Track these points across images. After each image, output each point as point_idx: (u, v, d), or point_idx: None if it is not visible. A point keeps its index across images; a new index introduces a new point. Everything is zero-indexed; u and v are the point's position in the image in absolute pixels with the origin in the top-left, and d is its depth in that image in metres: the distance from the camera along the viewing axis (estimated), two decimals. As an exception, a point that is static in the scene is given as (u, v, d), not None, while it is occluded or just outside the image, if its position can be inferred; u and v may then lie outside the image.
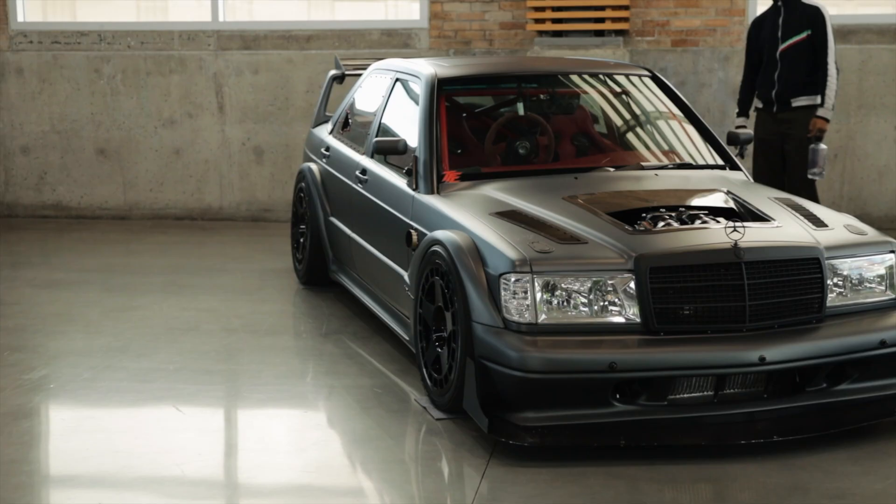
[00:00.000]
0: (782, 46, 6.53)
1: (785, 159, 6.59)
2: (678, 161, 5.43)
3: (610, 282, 4.15)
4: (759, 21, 6.76)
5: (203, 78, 8.91)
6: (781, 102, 6.56)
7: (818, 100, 6.48)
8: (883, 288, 4.47)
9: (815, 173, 6.32)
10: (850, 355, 4.25)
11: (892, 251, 4.51)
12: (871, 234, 4.59)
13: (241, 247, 8.03)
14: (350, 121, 6.39)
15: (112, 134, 9.03)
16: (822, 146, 6.30)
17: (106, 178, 9.07)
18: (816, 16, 6.48)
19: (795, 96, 6.53)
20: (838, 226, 4.60)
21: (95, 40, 8.97)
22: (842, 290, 4.38)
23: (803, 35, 6.49)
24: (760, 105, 6.70)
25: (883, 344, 4.28)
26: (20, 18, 9.08)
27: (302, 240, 6.66)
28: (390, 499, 3.86)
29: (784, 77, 6.54)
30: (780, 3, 6.59)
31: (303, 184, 6.63)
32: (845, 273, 4.40)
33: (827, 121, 6.46)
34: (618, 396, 4.11)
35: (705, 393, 4.16)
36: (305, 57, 8.80)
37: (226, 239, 8.36)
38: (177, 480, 3.92)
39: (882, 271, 4.47)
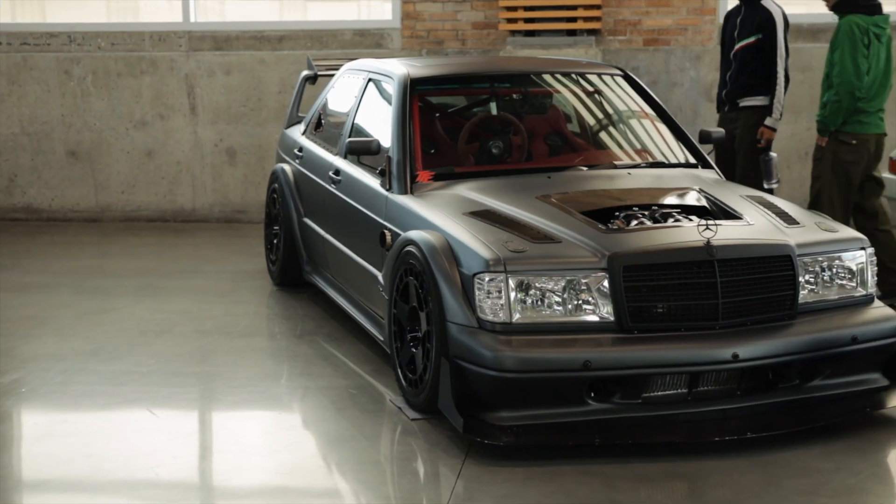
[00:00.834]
0: (736, 47, 6.56)
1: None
2: (651, 160, 5.45)
3: (584, 281, 4.16)
4: (727, 17, 6.80)
5: (175, 79, 8.87)
6: (731, 102, 6.59)
7: (765, 101, 6.47)
8: (854, 284, 4.50)
9: (773, 184, 6.27)
10: (823, 352, 4.28)
11: (863, 248, 4.54)
12: (842, 231, 4.62)
13: (214, 248, 7.99)
14: (323, 121, 6.37)
15: (83, 136, 8.97)
16: (773, 155, 6.27)
17: (77, 180, 9.01)
18: (768, 21, 6.43)
19: (742, 97, 6.54)
20: (810, 223, 4.63)
21: (65, 41, 8.91)
22: (813, 287, 4.41)
23: (752, 39, 6.48)
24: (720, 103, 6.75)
25: (854, 340, 4.32)
26: (-11, 20, 9.02)
27: (275, 241, 6.64)
28: (366, 500, 3.86)
29: (734, 77, 6.56)
30: (741, 3, 6.62)
31: (276, 185, 6.61)
32: (817, 270, 4.43)
33: (773, 130, 6.45)
34: (592, 395, 4.13)
35: (679, 391, 4.18)
36: (278, 57, 8.78)
37: (199, 241, 8.32)
38: (150, 484, 3.90)
39: (853, 268, 4.50)
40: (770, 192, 6.27)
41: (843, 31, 5.91)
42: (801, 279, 4.36)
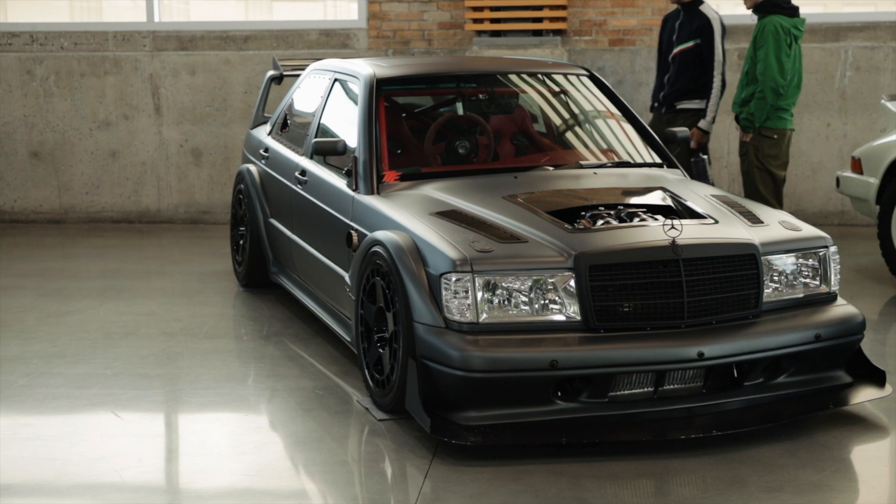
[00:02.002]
0: (674, 51, 6.71)
1: None
2: (616, 160, 5.47)
3: (550, 280, 4.17)
4: (665, 21, 6.93)
5: (139, 79, 8.81)
6: (668, 105, 6.73)
7: (702, 104, 6.65)
8: (817, 283, 4.54)
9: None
10: (787, 349, 4.32)
11: (826, 246, 4.58)
12: (806, 229, 4.66)
13: (179, 250, 7.95)
14: (289, 122, 6.35)
15: (46, 136, 8.89)
16: (704, 157, 6.40)
17: (40, 181, 8.93)
18: (705, 27, 6.59)
19: (680, 100, 6.69)
20: (773, 222, 4.66)
21: (27, 41, 8.83)
22: (777, 285, 4.45)
23: (691, 44, 6.64)
24: (655, 105, 6.82)
25: (818, 338, 4.36)
26: (-51, 19, 8.92)
27: (241, 242, 6.61)
28: (333, 501, 3.85)
29: (673, 81, 6.69)
30: (680, 7, 6.71)
31: (242, 185, 6.58)
32: (781, 269, 4.46)
33: (705, 133, 6.62)
34: (559, 394, 4.14)
35: (645, 389, 4.20)
36: (243, 58, 8.74)
37: (164, 242, 8.27)
38: (115, 487, 3.87)
39: (816, 266, 4.54)
40: None
41: (768, 30, 6.18)
42: (765, 278, 4.39)
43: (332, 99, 5.80)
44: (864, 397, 4.44)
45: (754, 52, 6.26)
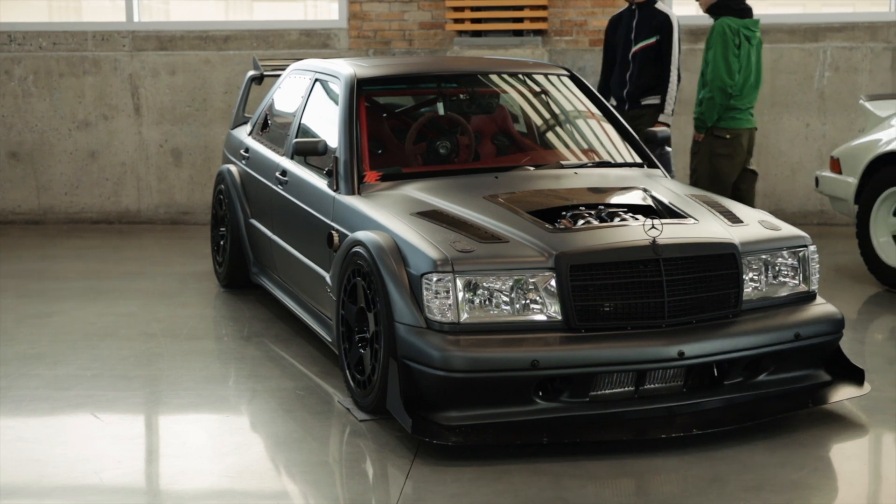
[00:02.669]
0: (634, 48, 6.83)
1: None
2: (597, 159, 5.48)
3: (531, 280, 4.17)
4: (615, 21, 7.03)
5: (118, 79, 8.77)
6: (632, 101, 6.84)
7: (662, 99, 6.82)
8: (797, 282, 4.56)
9: (668, 177, 6.54)
10: (766, 348, 4.34)
11: (805, 245, 4.61)
12: (785, 229, 4.68)
13: (159, 250, 7.92)
14: (269, 122, 6.34)
15: (24, 137, 8.84)
16: (668, 149, 6.53)
17: (19, 181, 8.88)
18: (665, 23, 6.77)
19: (644, 96, 6.83)
20: (753, 222, 4.68)
21: (5, 41, 8.78)
22: (757, 284, 4.47)
23: (652, 40, 6.78)
24: (614, 103, 6.88)
25: (797, 337, 4.38)
26: (-73, 19, 8.86)
27: (222, 242, 6.59)
28: (314, 501, 3.84)
29: (635, 77, 6.81)
30: (634, 7, 6.83)
31: (222, 186, 6.56)
32: (760, 268, 4.48)
33: (667, 125, 6.74)
34: (540, 394, 4.14)
35: (626, 388, 4.21)
36: (223, 58, 8.71)
37: (144, 243, 8.24)
38: (95, 489, 3.85)
39: (796, 265, 4.56)
40: None
41: (716, 31, 6.36)
42: (745, 277, 4.41)
43: (313, 99, 5.78)
44: (843, 396, 4.47)
45: (706, 54, 6.40)
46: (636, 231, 4.34)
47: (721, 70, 6.26)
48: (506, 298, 4.17)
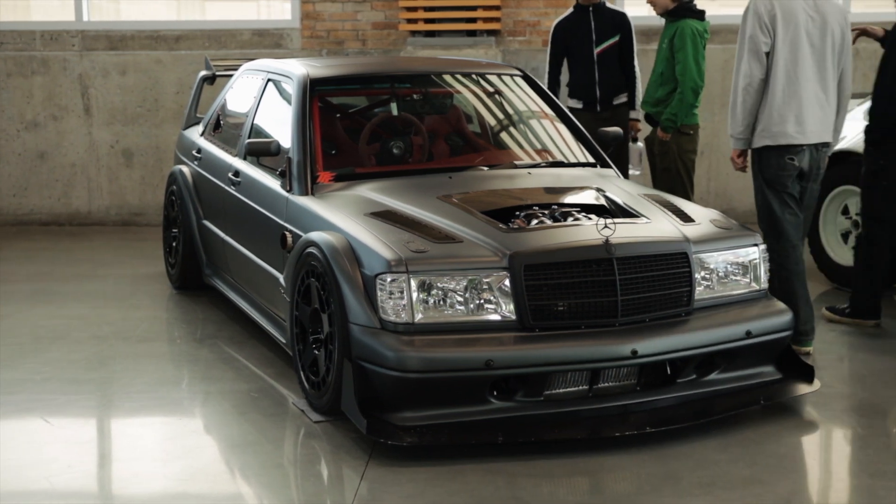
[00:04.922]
0: (599, 49, 6.89)
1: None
2: (550, 159, 5.50)
3: (485, 280, 4.18)
4: (566, 24, 7.03)
5: (68, 79, 8.67)
6: (604, 102, 6.89)
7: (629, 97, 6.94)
8: (748, 280, 4.61)
9: (637, 171, 6.79)
10: (718, 346, 4.38)
11: (756, 244, 4.65)
12: (736, 228, 4.73)
13: (111, 252, 7.84)
14: (222, 122, 6.30)
15: (-28, 137, 8.71)
16: (640, 144, 6.72)
17: (-34, 183, 8.75)
18: (625, 22, 6.92)
19: (615, 95, 6.91)
20: (705, 220, 4.72)
21: (-48, 40, 8.64)
22: (709, 283, 4.51)
23: (615, 39, 6.89)
24: (580, 106, 6.89)
25: (749, 334, 4.42)
26: None
27: (174, 244, 6.54)
28: (269, 503, 3.82)
29: (605, 78, 6.88)
30: (590, 8, 6.90)
31: (174, 187, 6.50)
32: (712, 266, 4.52)
33: (638, 121, 6.89)
34: (495, 393, 4.15)
35: (580, 387, 4.23)
36: (175, 58, 8.64)
37: (95, 244, 8.15)
38: (46, 494, 3.80)
39: (746, 264, 4.61)
40: (626, 177, 6.65)
41: (686, 34, 6.43)
42: (696, 275, 4.44)
43: (266, 99, 5.75)
44: (793, 392, 4.52)
45: (670, 54, 6.47)
46: (589, 230, 4.37)
47: (693, 71, 6.37)
48: (460, 298, 4.17)
